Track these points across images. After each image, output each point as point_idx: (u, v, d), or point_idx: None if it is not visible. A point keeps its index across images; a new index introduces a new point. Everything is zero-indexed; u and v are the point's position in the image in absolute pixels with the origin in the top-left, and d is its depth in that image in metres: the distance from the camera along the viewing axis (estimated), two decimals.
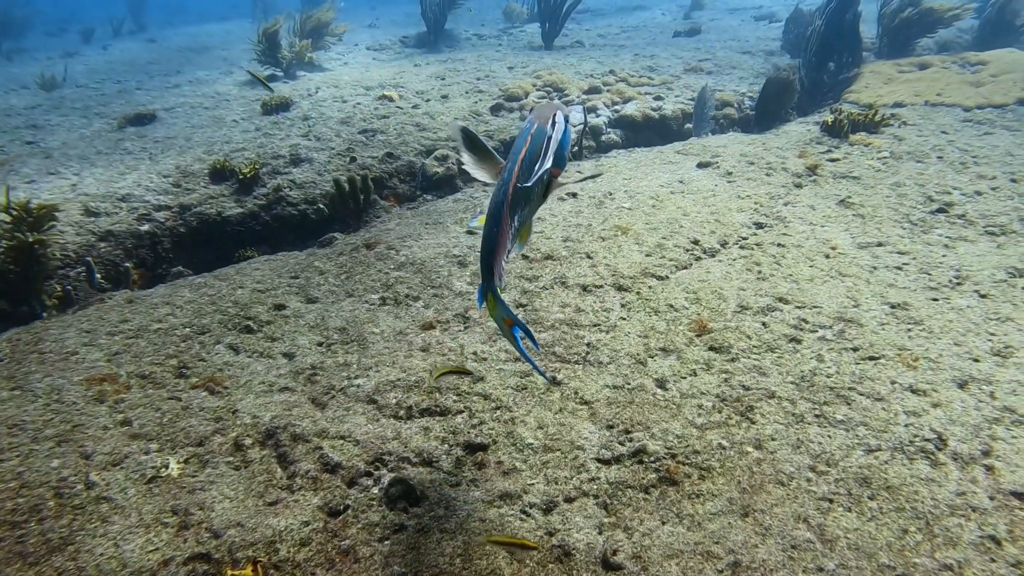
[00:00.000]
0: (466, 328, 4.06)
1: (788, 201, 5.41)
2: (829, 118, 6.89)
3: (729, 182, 5.78)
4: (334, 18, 14.69)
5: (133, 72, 14.12)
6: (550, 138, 2.37)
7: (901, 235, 4.85)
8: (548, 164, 2.34)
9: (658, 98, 8.92)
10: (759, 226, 5.04)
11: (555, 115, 2.45)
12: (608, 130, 8.32)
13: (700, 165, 6.19)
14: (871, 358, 3.53)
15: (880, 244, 4.73)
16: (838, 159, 6.19)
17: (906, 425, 3.09)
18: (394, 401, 3.48)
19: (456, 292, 4.45)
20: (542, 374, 3.12)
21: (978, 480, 2.81)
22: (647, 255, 4.65)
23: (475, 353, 3.80)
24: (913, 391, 3.29)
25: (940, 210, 5.18)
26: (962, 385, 3.33)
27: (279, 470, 3.11)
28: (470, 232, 5.29)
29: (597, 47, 13.29)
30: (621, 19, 18.01)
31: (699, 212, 5.21)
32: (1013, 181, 5.59)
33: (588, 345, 3.79)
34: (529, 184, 2.31)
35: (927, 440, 3.00)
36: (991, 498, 2.72)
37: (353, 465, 3.09)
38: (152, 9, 29.29)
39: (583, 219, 5.28)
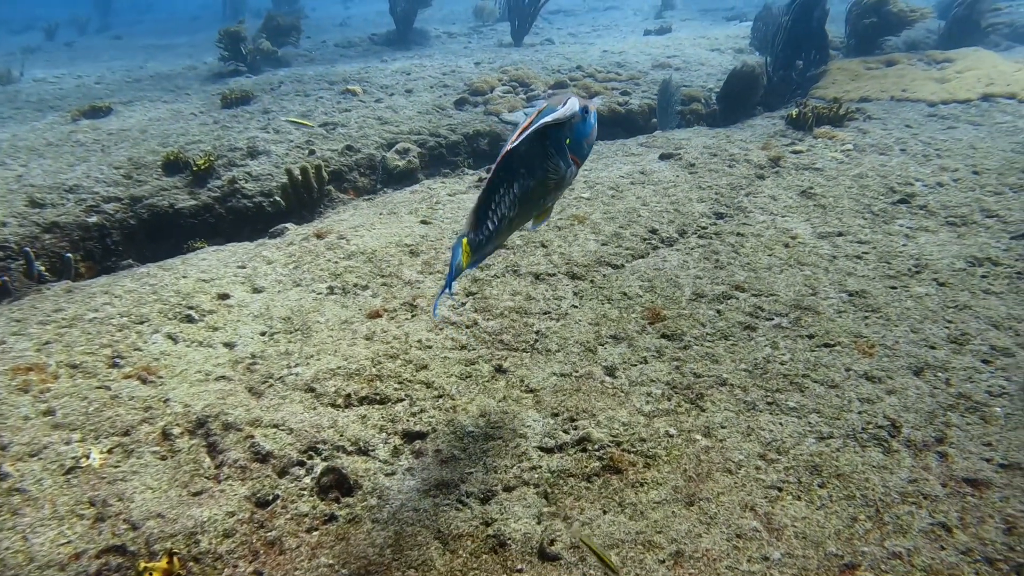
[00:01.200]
0: (413, 316, 3.94)
1: (750, 192, 5.34)
2: (794, 112, 6.85)
3: (691, 173, 5.71)
4: (301, 18, 14.55)
5: (95, 67, 13.87)
6: (554, 111, 2.40)
7: (862, 225, 4.79)
8: (543, 122, 2.35)
9: (625, 93, 8.86)
10: (719, 216, 4.97)
11: (568, 99, 2.48)
12: None
13: (662, 157, 6.11)
14: (826, 345, 3.46)
15: (840, 234, 4.67)
16: (801, 151, 6.14)
17: (859, 412, 3.01)
18: (333, 389, 3.35)
19: (405, 281, 4.33)
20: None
21: (931, 467, 2.73)
22: (603, 244, 4.55)
23: (420, 341, 3.68)
24: (868, 378, 3.22)
25: (902, 201, 5.13)
26: (918, 372, 3.26)
27: (207, 459, 2.97)
28: (424, 222, 5.17)
29: (567, 44, 13.24)
30: (593, 18, 17.99)
31: (659, 202, 5.12)
32: (975, 173, 5.57)
33: (537, 333, 3.69)
34: (522, 149, 2.36)
35: (880, 427, 2.92)
36: (943, 485, 2.64)
37: (285, 454, 2.95)
38: (121, 8, 29.01)
39: None
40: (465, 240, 2.45)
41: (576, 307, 3.91)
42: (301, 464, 2.92)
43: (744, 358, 3.39)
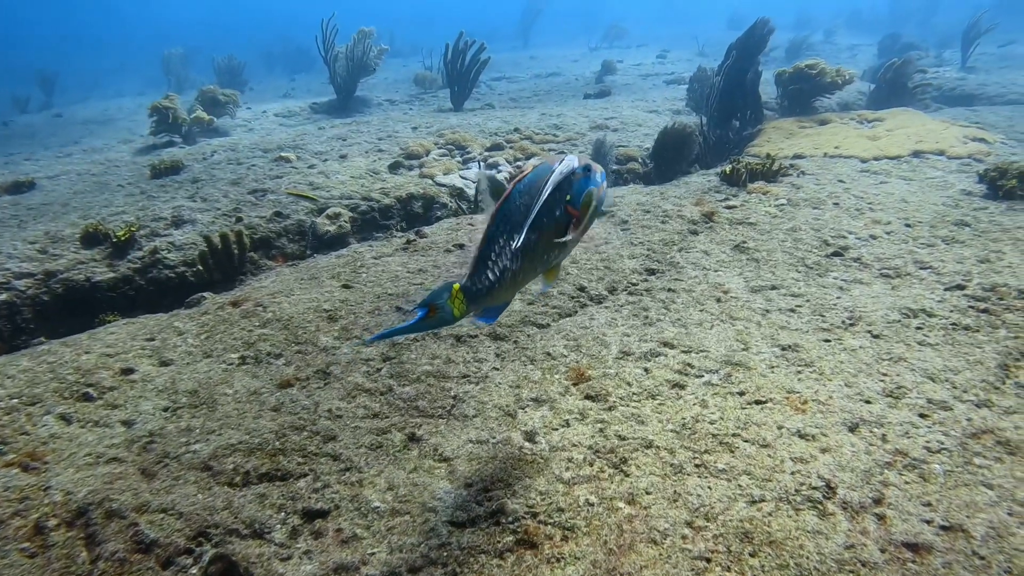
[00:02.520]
0: (326, 385, 3.71)
1: (683, 247, 5.26)
2: (727, 168, 6.87)
3: (623, 230, 5.62)
4: (244, 90, 14.51)
5: (29, 145, 13.62)
6: (552, 170, 2.40)
7: (796, 278, 4.72)
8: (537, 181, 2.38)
9: (562, 153, 8.86)
10: (651, 272, 4.86)
11: (565, 158, 2.47)
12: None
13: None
14: (758, 402, 3.30)
15: (774, 287, 4.58)
16: (735, 206, 6.12)
17: (792, 473, 2.84)
18: (231, 466, 3.08)
19: (321, 347, 4.10)
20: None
21: (868, 531, 2.56)
22: (529, 304, 4.40)
23: (330, 411, 3.44)
24: (801, 436, 3.06)
25: (836, 254, 5.09)
26: (853, 428, 3.12)
27: (83, 553, 2.67)
28: (346, 286, 4.96)
29: (507, 108, 13.35)
30: (535, 84, 18.27)
31: (589, 259, 5.00)
32: (908, 226, 5.58)
33: (454, 398, 3.48)
34: (520, 202, 2.38)
35: (815, 488, 2.75)
36: (882, 551, 2.47)
37: (172, 542, 2.67)
38: (67, 87, 28.77)
39: (467, 269, 5.02)
40: (457, 285, 2.45)
41: (497, 369, 3.72)
42: (189, 552, 2.64)
43: (672, 418, 3.21)
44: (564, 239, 2.50)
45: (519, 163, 8.51)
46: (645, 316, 4.19)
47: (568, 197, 2.44)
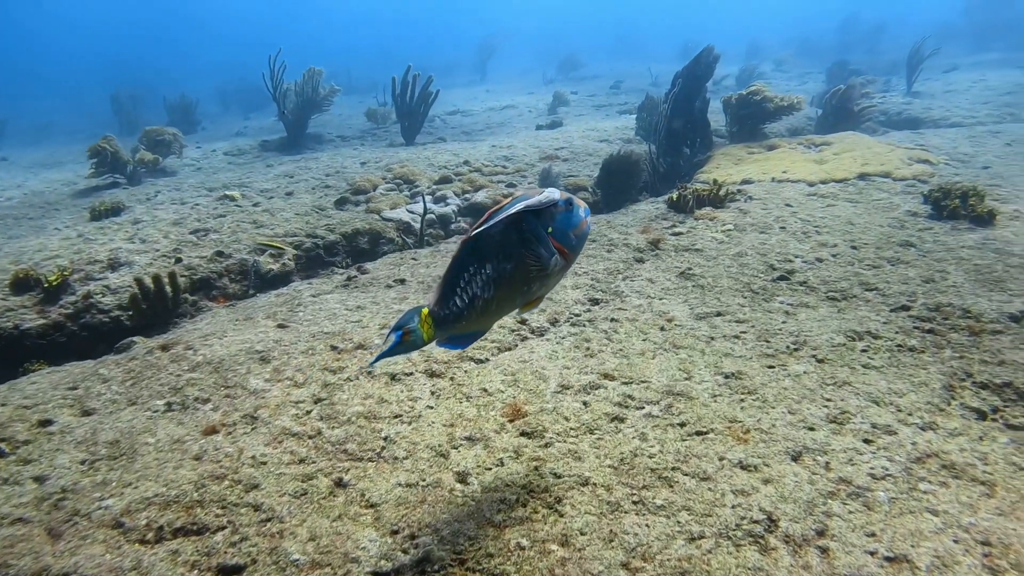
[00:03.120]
0: (252, 429, 3.53)
1: (627, 276, 5.19)
2: (674, 195, 6.85)
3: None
4: (178, 132, 14.33)
5: None
6: (527, 197, 2.40)
7: (741, 304, 4.66)
8: (513, 210, 2.36)
9: (511, 185, 8.82)
10: (594, 302, 4.78)
11: (547, 190, 2.47)
12: (458, 219, 8.10)
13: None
14: (699, 433, 3.21)
15: (719, 314, 4.52)
16: (682, 233, 6.09)
17: (733, 507, 2.73)
18: (144, 522, 2.90)
19: (251, 391, 3.93)
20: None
21: (811, 566, 2.46)
22: None
23: (254, 458, 3.27)
24: (743, 467, 2.96)
25: (782, 278, 5.06)
26: (796, 457, 3.03)
27: None
28: (281, 326, 4.80)
29: (459, 141, 13.32)
30: (489, 116, 18.31)
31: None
32: (854, 248, 5.58)
33: (385, 439, 3.33)
34: (493, 232, 2.38)
35: (756, 522, 2.65)
36: None
37: None
38: (17, 131, 28.26)
39: (406, 305, 4.90)
40: (425, 310, 2.48)
41: (431, 408, 3.58)
42: None
43: (610, 453, 3.10)
44: (546, 272, 2.49)
45: (467, 195, 8.44)
46: (587, 348, 4.09)
47: (550, 229, 2.45)
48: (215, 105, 31.59)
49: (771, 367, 3.80)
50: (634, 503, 2.79)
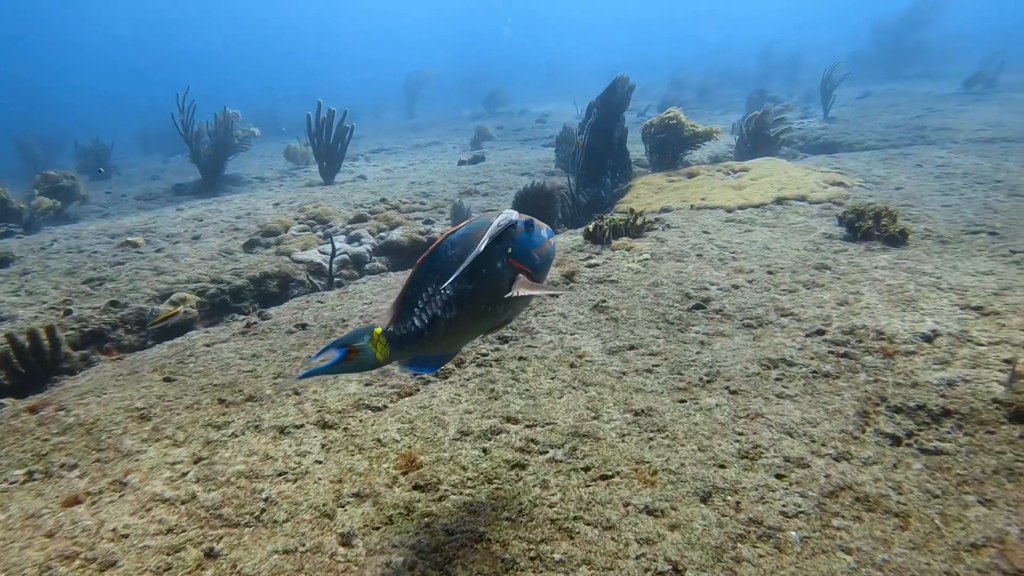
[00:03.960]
0: (120, 497, 3.22)
1: (539, 312, 5.03)
2: (591, 226, 6.75)
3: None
4: (76, 176, 13.81)
5: None
6: (489, 223, 2.43)
7: (656, 336, 4.53)
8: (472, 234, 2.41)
9: (428, 222, 8.65)
10: (503, 340, 4.59)
11: (504, 212, 2.52)
12: (373, 258, 7.87)
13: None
14: (604, 477, 3.03)
15: (632, 347, 4.38)
16: (597, 264, 5.97)
17: (637, 557, 2.55)
18: None
19: (124, 453, 3.61)
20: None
21: None
22: (366, 385, 4.05)
23: (115, 530, 2.96)
24: (649, 512, 2.79)
25: (697, 307, 4.95)
26: (705, 498, 2.87)
27: None
28: (168, 379, 4.48)
29: (380, 180, 13.11)
30: (412, 155, 18.16)
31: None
32: (770, 273, 5.53)
33: (266, 500, 3.06)
34: (453, 253, 2.40)
35: (661, 573, 2.47)
36: None
37: None
38: None
39: (306, 351, 4.65)
40: (378, 330, 2.45)
41: (320, 463, 3.33)
42: None
43: (508, 504, 2.89)
44: (511, 294, 2.47)
45: (383, 234, 8.22)
46: (491, 389, 3.90)
47: (510, 250, 2.47)
48: (136, 149, 30.86)
49: (683, 401, 3.66)
50: (531, 559, 2.58)
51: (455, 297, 2.43)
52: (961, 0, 42.89)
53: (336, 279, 7.30)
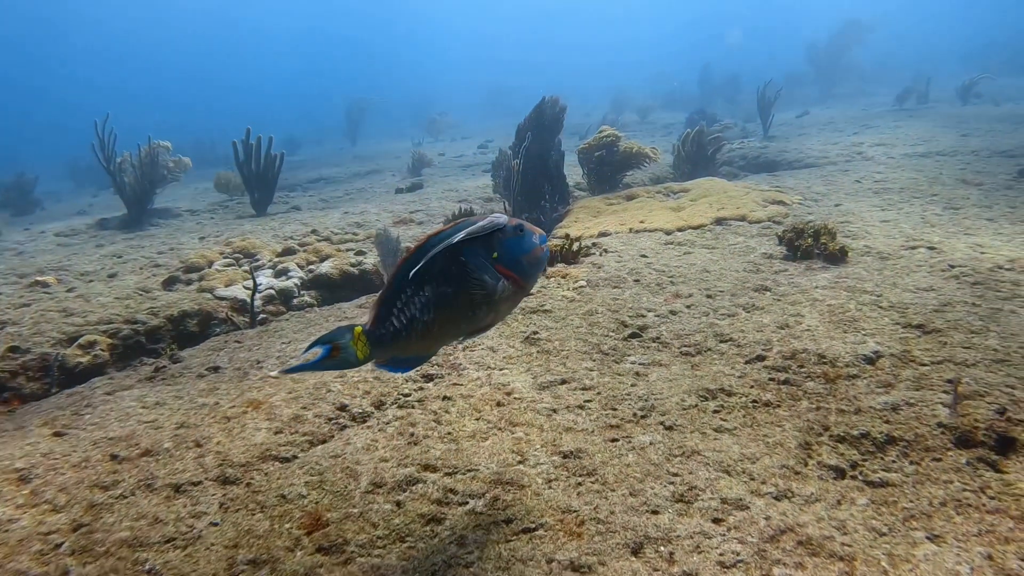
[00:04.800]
0: None
1: (467, 346, 4.79)
2: None
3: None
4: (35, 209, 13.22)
5: None
6: (470, 223, 2.47)
7: (589, 368, 4.32)
8: (454, 238, 2.43)
9: (360, 253, 8.36)
10: (428, 378, 4.34)
11: (491, 215, 2.53)
12: (301, 292, 7.54)
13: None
14: (526, 531, 2.78)
15: (564, 381, 4.16)
16: (530, 293, 5.75)
17: None
18: None
19: None
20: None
21: None
22: (276, 432, 3.74)
23: None
24: (574, 569, 2.55)
25: (634, 335, 4.77)
26: (636, 550, 2.64)
27: None
28: (58, 434, 4.12)
29: (315, 209, 12.79)
30: (351, 182, 17.88)
31: (359, 371, 4.42)
32: (709, 297, 5.38)
33: (149, 573, 2.75)
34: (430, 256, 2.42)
35: None
36: None
37: None
38: None
39: (215, 397, 4.33)
40: (359, 329, 2.47)
41: (216, 524, 3.02)
42: None
43: (420, 566, 2.63)
44: (492, 298, 2.50)
45: (311, 267, 7.91)
46: (411, 434, 3.63)
47: (495, 255, 2.48)
48: (65, 182, 29.92)
49: (615, 440, 3.44)
50: None
51: (433, 300, 2.45)
52: (888, 23, 44.39)
53: (261, 316, 6.97)
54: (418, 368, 4.13)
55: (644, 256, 6.67)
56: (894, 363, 4.10)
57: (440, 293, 2.45)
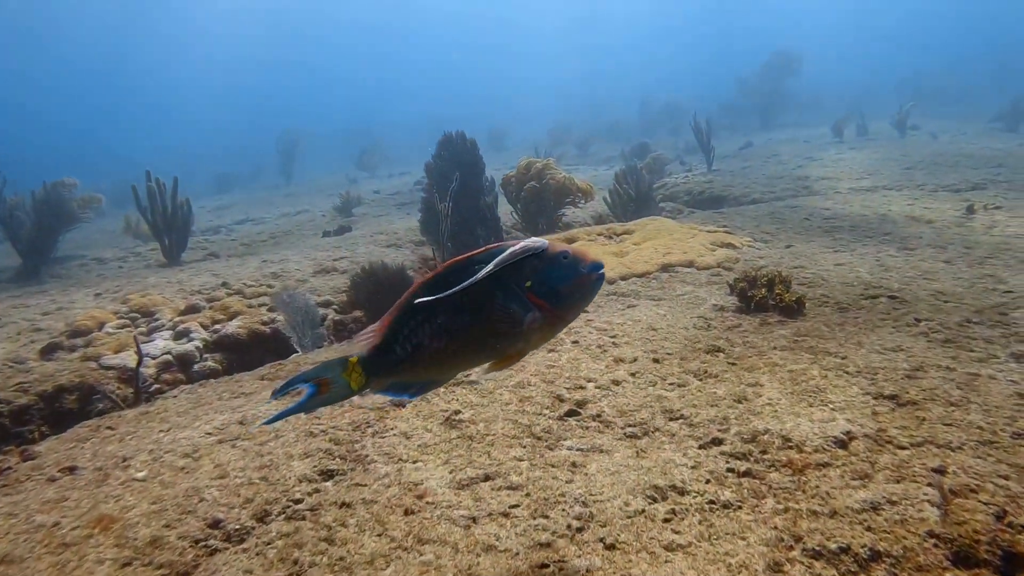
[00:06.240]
0: None
1: (378, 430, 4.15)
2: None
3: (306, 412, 4.43)
4: None
5: None
6: (503, 249, 2.33)
7: (518, 458, 3.72)
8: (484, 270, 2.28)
9: (274, 308, 7.65)
10: (327, 476, 3.68)
11: (528, 239, 2.39)
12: (204, 356, 6.82)
13: (276, 393, 4.79)
14: None
15: (488, 477, 3.54)
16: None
17: None
18: None
19: None
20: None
21: None
22: (124, 565, 3.04)
23: None
24: None
25: (571, 413, 4.19)
26: None
27: None
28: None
29: (235, 256, 12.05)
30: (278, 224, 17.13)
31: (244, 468, 3.75)
32: (656, 362, 4.85)
33: None
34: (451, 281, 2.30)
35: None
36: None
37: None
38: None
39: (58, 513, 3.59)
40: (354, 359, 2.37)
41: None
42: None
43: None
44: (519, 330, 2.35)
45: (217, 326, 7.18)
46: (295, 560, 2.97)
47: (528, 283, 2.34)
48: None
49: (544, 566, 2.82)
50: None
51: (448, 327, 2.33)
52: (814, 58, 45.68)
53: (154, 387, 6.22)
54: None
55: (584, 311, 6.12)
56: (869, 446, 3.59)
57: (457, 321, 2.33)
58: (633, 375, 4.65)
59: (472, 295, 2.31)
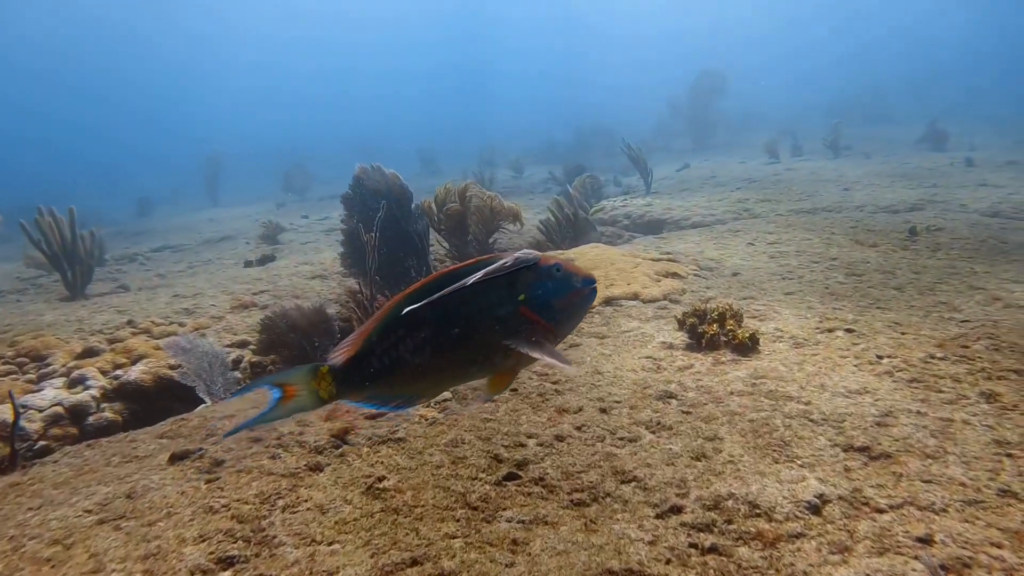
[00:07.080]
0: None
1: (289, 503, 3.64)
2: None
3: (209, 481, 3.89)
4: None
5: None
6: (492, 262, 2.28)
7: (451, 535, 3.26)
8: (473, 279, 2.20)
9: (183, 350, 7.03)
10: (226, 565, 3.17)
11: (521, 251, 2.34)
12: (102, 407, 6.18)
13: (175, 457, 4.24)
14: None
15: (415, 562, 3.08)
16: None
17: None
18: None
19: None
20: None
21: None
22: None
23: None
24: None
25: (511, 476, 3.76)
26: None
27: None
28: None
29: (147, 288, 11.32)
30: (199, 252, 16.36)
31: (124, 560, 3.20)
32: (603, 412, 4.45)
33: None
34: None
35: None
36: None
37: None
38: None
39: None
40: (324, 368, 2.25)
41: None
42: None
43: None
44: (512, 345, 2.25)
45: (118, 372, 6.55)
46: None
47: (522, 297, 2.28)
48: None
49: None
50: None
51: (432, 341, 2.24)
52: (740, 81, 46.79)
53: (41, 443, 5.57)
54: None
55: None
56: (845, 511, 3.25)
57: (444, 335, 2.24)
58: (578, 428, 4.24)
59: (462, 309, 2.25)
